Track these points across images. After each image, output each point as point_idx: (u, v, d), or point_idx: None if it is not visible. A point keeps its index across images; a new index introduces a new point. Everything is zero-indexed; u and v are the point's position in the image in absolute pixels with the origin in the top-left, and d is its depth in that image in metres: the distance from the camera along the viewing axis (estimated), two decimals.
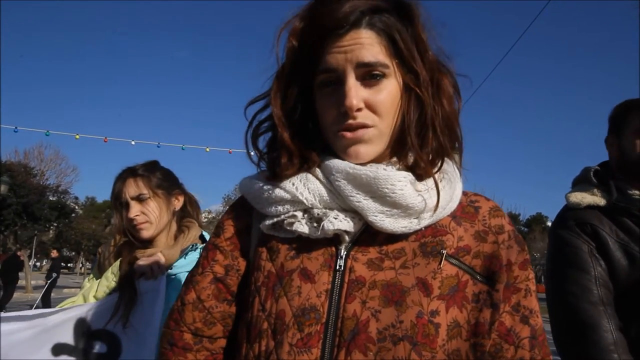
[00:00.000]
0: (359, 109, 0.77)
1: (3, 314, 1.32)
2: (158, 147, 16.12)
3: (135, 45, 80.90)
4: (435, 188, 0.79)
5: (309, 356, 0.72)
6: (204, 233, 1.68)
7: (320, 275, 0.77)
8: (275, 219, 0.83)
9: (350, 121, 0.77)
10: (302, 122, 0.84)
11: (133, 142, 15.38)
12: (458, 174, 0.85)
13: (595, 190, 1.52)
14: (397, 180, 0.76)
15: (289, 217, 0.81)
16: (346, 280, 0.76)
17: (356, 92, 0.76)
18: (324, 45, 0.77)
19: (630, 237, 1.43)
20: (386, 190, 0.76)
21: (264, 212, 0.85)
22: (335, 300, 0.75)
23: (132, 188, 1.59)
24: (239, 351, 0.81)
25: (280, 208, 0.82)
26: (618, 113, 1.60)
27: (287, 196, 0.81)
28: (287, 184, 0.81)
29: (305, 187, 0.80)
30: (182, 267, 1.52)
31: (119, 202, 1.61)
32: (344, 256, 0.78)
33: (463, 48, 0.87)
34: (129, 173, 1.63)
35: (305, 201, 0.79)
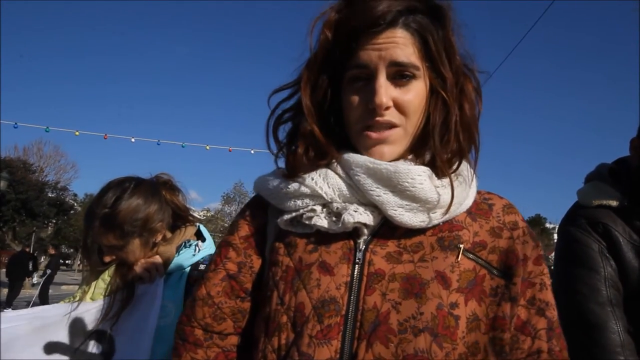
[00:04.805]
0: (387, 107, 0.78)
1: (3, 313, 1.32)
2: (158, 144, 16.13)
3: (136, 42, 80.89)
4: (450, 185, 0.79)
5: (328, 348, 0.72)
6: (201, 227, 1.61)
7: (339, 268, 0.78)
8: (293, 214, 0.83)
9: (378, 118, 0.78)
10: (325, 115, 0.84)
11: (133, 140, 15.31)
12: (472, 174, 0.86)
13: (609, 189, 1.46)
14: (417, 174, 0.77)
15: (308, 211, 0.82)
16: (365, 273, 0.77)
17: (386, 91, 0.77)
18: (358, 41, 0.78)
19: None
20: (406, 184, 0.76)
21: (282, 207, 0.85)
22: (355, 292, 0.76)
23: (103, 239, 1.41)
24: (256, 346, 0.81)
25: (299, 202, 0.82)
26: None
27: (307, 190, 0.81)
28: (307, 178, 0.82)
29: (324, 181, 0.81)
30: (175, 266, 1.48)
31: (87, 245, 1.44)
32: (362, 249, 0.79)
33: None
34: (99, 220, 1.38)
35: (324, 195, 0.80)
